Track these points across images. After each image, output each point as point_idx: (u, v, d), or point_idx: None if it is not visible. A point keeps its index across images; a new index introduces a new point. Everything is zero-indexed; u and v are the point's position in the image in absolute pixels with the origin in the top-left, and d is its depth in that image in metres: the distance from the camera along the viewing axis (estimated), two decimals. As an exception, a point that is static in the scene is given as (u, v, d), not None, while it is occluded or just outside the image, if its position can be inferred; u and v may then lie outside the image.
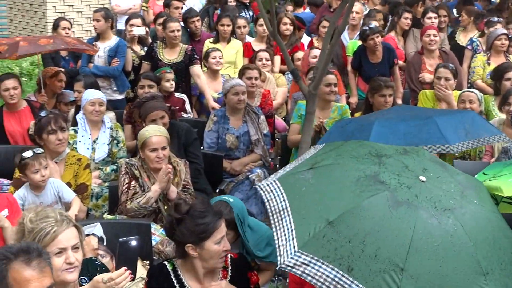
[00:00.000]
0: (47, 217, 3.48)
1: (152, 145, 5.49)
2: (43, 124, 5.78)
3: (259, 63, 8.75)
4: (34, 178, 5.30)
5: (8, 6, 14.19)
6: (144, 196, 5.45)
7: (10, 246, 3.15)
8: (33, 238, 3.41)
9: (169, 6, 10.30)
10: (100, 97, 6.74)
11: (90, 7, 13.10)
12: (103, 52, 8.63)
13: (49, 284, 3.06)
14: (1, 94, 7.21)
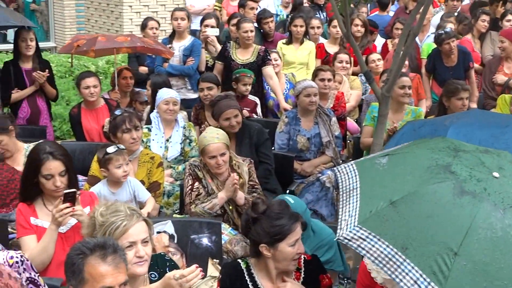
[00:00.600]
0: (118, 211, 3.52)
1: (210, 153, 5.51)
2: (118, 123, 5.86)
3: (339, 65, 8.71)
4: (117, 173, 5.38)
5: (86, 5, 14.48)
6: (210, 202, 5.48)
7: (87, 241, 3.19)
8: (104, 232, 3.46)
9: (244, 6, 10.34)
10: (174, 96, 6.79)
11: (166, 7, 13.28)
12: (178, 52, 8.72)
13: (124, 280, 3.10)
14: (81, 92, 7.33)
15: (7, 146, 5.91)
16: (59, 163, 4.43)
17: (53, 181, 4.41)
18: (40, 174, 4.41)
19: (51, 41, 14.94)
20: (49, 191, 4.46)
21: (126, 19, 12.93)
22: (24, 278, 3.97)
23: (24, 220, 4.45)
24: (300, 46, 9.36)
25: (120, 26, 13.01)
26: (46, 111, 7.96)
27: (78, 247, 3.15)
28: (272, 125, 7.40)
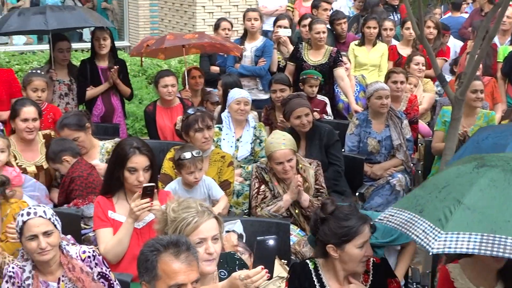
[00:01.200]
0: (189, 207, 3.54)
1: (277, 159, 5.51)
2: (190, 122, 5.92)
3: (416, 67, 8.58)
4: (188, 178, 5.45)
5: (160, 5, 14.66)
6: (275, 205, 5.50)
7: (160, 238, 3.23)
8: (175, 228, 3.48)
9: (317, 7, 10.32)
10: (246, 97, 6.83)
11: (238, 7, 13.34)
12: (250, 52, 8.76)
13: (195, 278, 3.14)
14: (159, 90, 7.42)
15: (83, 143, 6.04)
16: (145, 158, 4.50)
17: (136, 176, 4.47)
18: (125, 168, 4.48)
19: (125, 41, 15.17)
20: (131, 186, 4.52)
21: (199, 19, 13.03)
22: (95, 273, 4.06)
23: (102, 213, 4.52)
24: (372, 48, 9.30)
25: (193, 26, 13.12)
26: (120, 109, 8.09)
27: (151, 243, 3.19)
28: (342, 127, 7.37)
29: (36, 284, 3.96)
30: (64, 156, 5.69)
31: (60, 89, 7.63)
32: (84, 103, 7.98)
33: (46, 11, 7.59)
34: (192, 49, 8.60)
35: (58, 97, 7.62)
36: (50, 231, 3.95)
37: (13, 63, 11.97)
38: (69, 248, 4.08)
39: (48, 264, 3.99)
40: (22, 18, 7.59)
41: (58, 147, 5.74)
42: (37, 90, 6.66)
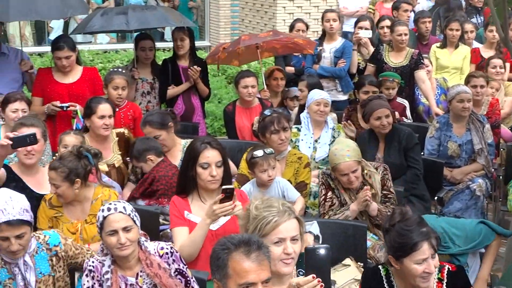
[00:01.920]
0: (271, 206, 3.54)
1: (342, 171, 5.41)
2: (266, 124, 5.94)
3: (493, 70, 8.39)
4: (262, 177, 5.46)
5: (241, 6, 14.75)
6: (342, 214, 5.44)
7: (232, 236, 3.23)
8: (256, 226, 3.50)
9: (397, 9, 10.19)
10: (325, 98, 6.81)
11: (318, 8, 13.31)
12: (329, 53, 8.72)
13: (266, 278, 3.12)
14: (239, 90, 7.44)
15: (165, 142, 6.11)
16: (217, 152, 4.47)
17: (209, 171, 4.44)
18: (197, 164, 4.46)
19: (205, 41, 15.33)
20: (204, 182, 4.49)
21: (279, 20, 13.07)
22: (173, 269, 4.10)
23: (178, 212, 4.53)
24: (454, 50, 9.14)
25: (273, 27, 13.15)
26: (200, 108, 8.15)
27: (223, 242, 3.21)
28: (422, 130, 7.27)
29: (115, 278, 4.03)
30: (149, 155, 5.76)
31: (143, 87, 7.76)
32: (165, 102, 8.09)
33: (128, 11, 7.71)
34: (264, 53, 8.59)
35: (140, 95, 7.75)
36: (129, 226, 4.01)
37: (97, 62, 12.25)
38: (148, 244, 4.13)
39: (127, 259, 4.05)
40: (105, 18, 7.73)
41: (142, 145, 5.81)
42: (117, 88, 6.78)
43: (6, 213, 3.94)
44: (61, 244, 4.27)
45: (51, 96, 6.87)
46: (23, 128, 5.15)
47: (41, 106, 6.91)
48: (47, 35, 14.74)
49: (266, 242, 3.36)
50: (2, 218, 3.93)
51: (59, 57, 6.87)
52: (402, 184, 6.12)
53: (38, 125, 5.27)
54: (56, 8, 7.10)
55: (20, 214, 3.98)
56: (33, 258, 4.16)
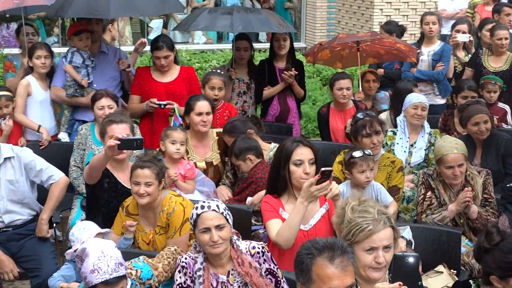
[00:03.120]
0: (367, 212, 3.50)
1: (448, 163, 5.36)
2: (358, 127, 5.90)
3: None
4: (359, 178, 5.43)
5: (337, 8, 14.71)
6: (440, 214, 5.37)
7: (317, 241, 3.20)
8: (349, 230, 3.47)
9: (499, 12, 9.95)
10: (423, 101, 6.71)
11: (416, 11, 13.15)
12: (427, 57, 8.59)
13: (350, 283, 3.09)
14: (334, 92, 7.42)
15: None
16: (309, 150, 4.45)
17: (303, 168, 4.39)
18: (290, 162, 4.43)
19: (301, 42, 15.35)
20: (298, 180, 4.42)
21: (376, 22, 12.96)
22: (264, 269, 4.12)
23: (272, 208, 4.48)
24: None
25: (369, 29, 13.07)
26: (295, 109, 8.15)
27: (308, 246, 3.19)
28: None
29: (206, 276, 4.08)
30: (249, 154, 5.77)
31: (239, 87, 7.81)
32: (261, 102, 8.14)
33: (233, 12, 7.76)
34: (369, 58, 8.53)
35: (236, 95, 7.82)
36: (222, 224, 4.06)
37: (194, 61, 12.44)
38: (239, 243, 4.16)
39: (219, 257, 4.09)
40: (210, 17, 7.80)
41: (244, 144, 5.81)
42: (214, 89, 6.86)
43: (102, 273, 3.82)
44: (153, 276, 4.30)
45: (149, 94, 7.01)
46: (113, 125, 5.26)
47: (139, 103, 7.06)
48: (147, 35, 15.07)
49: (357, 249, 3.35)
50: (99, 278, 3.82)
51: (158, 56, 7.01)
52: (499, 191, 5.98)
53: (127, 121, 5.39)
54: (154, 5, 7.23)
55: (116, 271, 3.86)
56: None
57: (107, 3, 6.84)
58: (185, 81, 7.15)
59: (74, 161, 6.31)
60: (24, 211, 5.55)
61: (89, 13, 7.01)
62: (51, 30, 14.51)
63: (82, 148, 6.30)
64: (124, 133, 5.19)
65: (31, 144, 6.81)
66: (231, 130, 6.14)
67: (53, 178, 5.49)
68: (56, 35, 14.67)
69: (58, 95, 7.14)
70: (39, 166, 5.48)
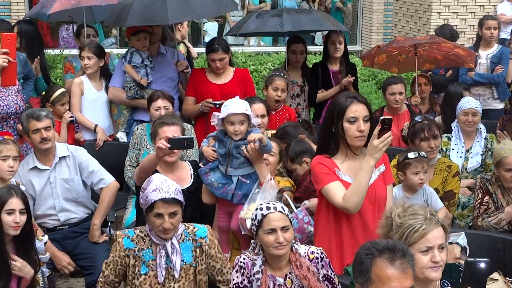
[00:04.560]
0: (416, 214, 3.46)
1: (508, 165, 5.30)
2: (416, 130, 5.88)
3: None
4: (413, 179, 5.43)
5: (394, 11, 14.60)
6: (496, 216, 5.30)
7: (377, 242, 3.20)
8: (401, 234, 3.43)
9: None
10: (473, 107, 6.63)
11: (475, 14, 12.97)
12: (485, 60, 8.48)
13: (409, 286, 3.08)
14: (386, 97, 7.39)
15: None
16: (363, 106, 4.22)
17: (357, 125, 4.18)
18: (344, 119, 4.20)
19: (357, 45, 15.28)
20: (351, 138, 4.21)
21: (433, 26, 12.79)
22: (321, 274, 4.11)
23: (327, 169, 4.26)
24: None
25: (427, 32, 12.92)
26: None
27: (368, 246, 3.19)
28: None
29: (264, 278, 4.09)
30: (305, 158, 5.74)
31: (293, 90, 7.82)
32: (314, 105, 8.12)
33: (283, 14, 7.80)
34: (426, 63, 8.45)
35: (290, 98, 7.82)
36: (287, 226, 4.07)
37: (249, 64, 12.47)
38: (298, 246, 4.17)
39: (279, 259, 4.10)
40: (260, 20, 7.86)
41: (299, 147, 5.75)
42: (277, 90, 6.88)
43: (162, 192, 4.17)
44: (207, 238, 4.39)
45: (204, 95, 7.06)
46: (164, 127, 5.28)
47: (194, 105, 7.12)
48: (202, 38, 15.18)
49: (413, 251, 3.32)
50: (159, 196, 4.16)
51: (213, 59, 7.05)
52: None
53: (178, 123, 5.41)
54: (210, 6, 7.30)
55: (175, 194, 4.21)
56: (179, 245, 4.32)
57: (165, 9, 6.92)
58: (239, 83, 7.19)
59: (130, 161, 6.39)
60: (79, 209, 5.65)
61: (148, 20, 7.10)
62: (109, 32, 14.72)
63: (137, 148, 6.38)
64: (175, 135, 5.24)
65: (87, 144, 6.91)
66: (282, 136, 6.12)
67: (104, 182, 5.58)
68: (114, 36, 14.89)
69: (117, 96, 7.24)
70: (91, 167, 5.57)
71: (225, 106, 5.00)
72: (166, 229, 4.20)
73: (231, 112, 4.94)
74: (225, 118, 4.95)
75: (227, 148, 4.97)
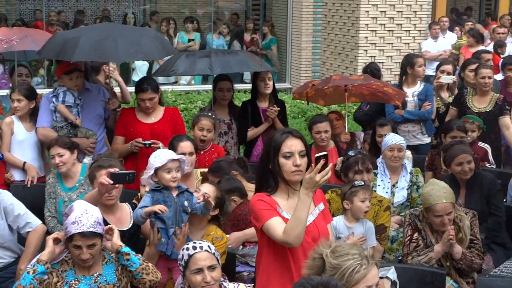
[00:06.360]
0: (350, 253, 3.41)
1: (437, 213, 5.35)
2: (351, 163, 5.97)
3: None
4: (361, 207, 5.50)
5: (322, 49, 14.83)
6: (426, 255, 5.35)
7: (311, 278, 3.15)
8: (341, 275, 3.35)
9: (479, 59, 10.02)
10: (398, 143, 6.75)
11: (400, 52, 13.27)
12: (412, 97, 8.62)
13: None
14: (313, 136, 7.44)
15: None
16: (299, 141, 4.12)
17: (293, 160, 4.05)
18: (279, 155, 4.08)
19: (286, 82, 15.44)
20: (288, 174, 4.09)
21: (361, 63, 13.06)
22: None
23: (268, 205, 4.12)
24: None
25: (354, 70, 13.18)
26: (279, 148, 8.13)
27: (302, 282, 3.13)
28: (505, 176, 7.11)
29: None
30: (233, 196, 5.73)
31: (220, 127, 7.81)
32: (245, 143, 8.13)
33: (211, 55, 7.82)
34: (352, 97, 8.58)
35: (218, 136, 7.81)
36: (214, 265, 4.07)
37: (179, 102, 12.46)
38: (227, 284, 4.17)
39: None
40: (188, 61, 7.83)
41: (227, 186, 5.73)
42: (203, 130, 6.87)
43: (81, 224, 4.23)
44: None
45: (134, 135, 7.00)
46: (102, 171, 5.19)
47: (123, 144, 7.05)
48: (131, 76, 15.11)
49: None
50: (77, 229, 4.22)
51: (142, 98, 7.01)
52: (484, 231, 5.98)
53: (116, 165, 5.35)
54: (157, 48, 7.28)
55: (94, 226, 4.25)
56: (102, 267, 4.43)
57: (115, 47, 6.87)
58: (169, 122, 7.15)
59: (49, 211, 6.21)
60: (5, 254, 5.49)
61: (99, 57, 7.06)
62: (36, 71, 14.50)
63: (53, 197, 6.25)
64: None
65: (13, 186, 6.75)
66: (215, 170, 6.12)
67: (30, 226, 5.43)
68: (41, 76, 14.67)
69: (47, 136, 6.96)
70: (17, 211, 5.42)
71: (156, 157, 4.95)
72: (83, 260, 4.26)
73: (170, 158, 4.90)
74: (161, 167, 4.88)
75: (173, 207, 4.88)
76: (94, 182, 5.28)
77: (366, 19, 13.30)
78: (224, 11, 18.27)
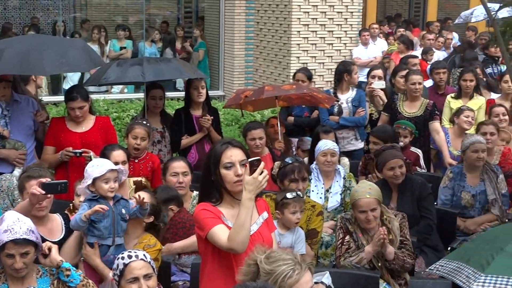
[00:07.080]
0: (284, 259, 3.45)
1: (361, 208, 5.46)
2: (287, 171, 5.99)
3: (495, 119, 8.26)
4: (291, 219, 5.54)
5: (255, 56, 14.86)
6: (357, 256, 5.43)
7: (247, 284, 3.17)
8: (275, 280, 3.38)
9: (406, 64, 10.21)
10: (331, 148, 6.81)
11: (332, 58, 13.39)
12: (346, 103, 8.71)
13: None
14: (247, 143, 7.45)
15: None
16: (239, 151, 4.13)
17: (234, 170, 4.06)
18: (220, 166, 4.09)
19: (219, 90, 15.42)
20: (230, 184, 4.10)
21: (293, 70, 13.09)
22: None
23: (212, 213, 4.12)
24: (469, 100, 8.99)
25: (287, 77, 13.23)
26: (213, 157, 8.11)
27: None
28: (435, 180, 7.24)
29: None
30: (170, 205, 5.70)
31: (153, 136, 7.75)
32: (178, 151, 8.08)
33: (143, 63, 7.76)
34: (280, 101, 8.62)
35: (151, 144, 7.75)
36: (150, 274, 4.06)
37: (112, 111, 12.30)
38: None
39: None
40: (120, 69, 7.78)
41: (164, 195, 5.71)
42: (136, 138, 6.83)
43: (13, 232, 4.13)
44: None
45: (64, 144, 6.89)
46: (32, 181, 5.10)
47: (54, 154, 6.93)
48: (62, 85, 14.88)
49: None
50: (10, 236, 4.12)
51: (72, 107, 6.91)
52: (415, 234, 6.07)
53: (46, 175, 5.25)
54: (85, 60, 7.19)
55: (27, 234, 4.15)
56: (37, 280, 4.30)
57: (41, 59, 6.76)
58: (100, 131, 7.06)
59: None
60: None
61: (24, 69, 6.92)
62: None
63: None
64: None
65: None
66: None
67: None
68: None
69: None
70: None
71: (94, 167, 4.89)
72: (17, 269, 4.14)
73: (109, 168, 4.86)
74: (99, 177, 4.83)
75: (111, 217, 4.83)
76: (24, 193, 5.18)
77: (298, 26, 13.38)
78: (156, 18, 18.16)
